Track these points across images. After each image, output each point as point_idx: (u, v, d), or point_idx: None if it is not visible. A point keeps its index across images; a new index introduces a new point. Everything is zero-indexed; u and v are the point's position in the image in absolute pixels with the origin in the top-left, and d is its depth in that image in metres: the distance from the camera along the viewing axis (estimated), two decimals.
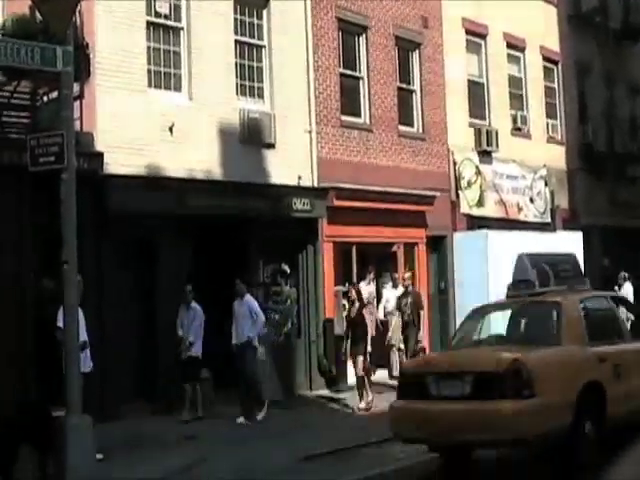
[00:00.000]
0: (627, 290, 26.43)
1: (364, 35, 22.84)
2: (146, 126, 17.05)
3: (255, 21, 19.87)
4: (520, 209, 27.65)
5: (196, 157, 17.94)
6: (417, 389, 11.29)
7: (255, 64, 19.83)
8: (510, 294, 13.71)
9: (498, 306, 14.28)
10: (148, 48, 17.49)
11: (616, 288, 26.48)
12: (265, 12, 20.01)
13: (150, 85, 17.52)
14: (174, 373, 16.67)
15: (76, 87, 13.20)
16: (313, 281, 20.53)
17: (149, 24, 17.54)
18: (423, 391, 11.18)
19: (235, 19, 19.29)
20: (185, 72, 18.13)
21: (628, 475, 5.73)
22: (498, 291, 23.55)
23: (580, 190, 30.97)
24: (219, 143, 18.57)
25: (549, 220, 28.75)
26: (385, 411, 12.27)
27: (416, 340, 20.77)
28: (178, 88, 18.09)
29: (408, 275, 21.73)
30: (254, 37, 19.84)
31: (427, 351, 22.37)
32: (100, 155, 15.85)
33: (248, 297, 16.79)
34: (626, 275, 26.88)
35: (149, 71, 17.51)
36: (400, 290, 21.80)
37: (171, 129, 17.50)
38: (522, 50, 29.00)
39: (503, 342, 12.67)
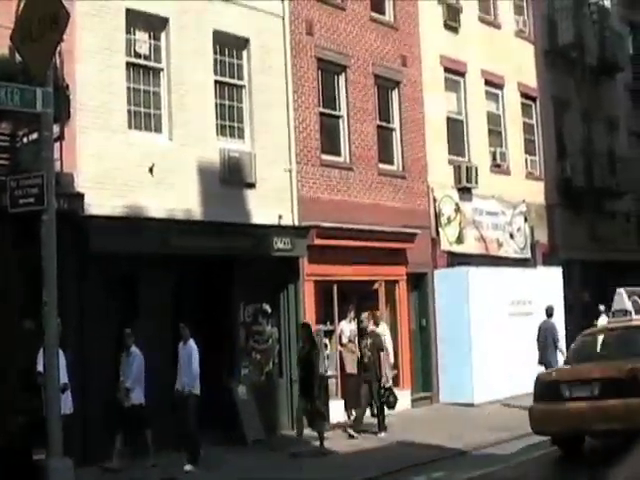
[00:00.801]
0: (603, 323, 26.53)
1: (344, 74, 22.97)
2: (127, 167, 17.05)
3: (235, 61, 19.95)
4: (500, 245, 27.76)
5: (177, 197, 17.94)
6: (552, 394, 15.26)
7: (235, 104, 19.90)
8: (612, 321, 18.46)
9: (602, 330, 18.43)
10: (128, 89, 17.51)
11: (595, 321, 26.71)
12: (245, 52, 20.11)
13: (130, 126, 17.53)
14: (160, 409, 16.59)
15: (56, 128, 13.16)
16: (295, 320, 20.43)
17: (129, 65, 17.58)
18: (558, 395, 15.13)
19: (215, 59, 19.36)
20: (165, 112, 18.16)
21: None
22: (479, 326, 24.00)
23: (559, 225, 31.15)
24: (200, 183, 18.57)
25: (529, 255, 28.88)
26: (368, 449, 12.34)
27: (379, 384, 20.10)
28: (158, 129, 18.11)
29: (365, 315, 21.17)
30: (234, 77, 19.90)
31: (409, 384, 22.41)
32: (81, 196, 15.82)
33: (191, 342, 16.14)
34: (605, 308, 26.95)
35: (129, 112, 17.53)
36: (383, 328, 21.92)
37: (152, 170, 17.48)
38: (500, 87, 29.21)
39: (615, 357, 15.94)
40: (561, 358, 22.02)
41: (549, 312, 23.70)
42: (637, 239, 35.80)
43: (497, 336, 24.57)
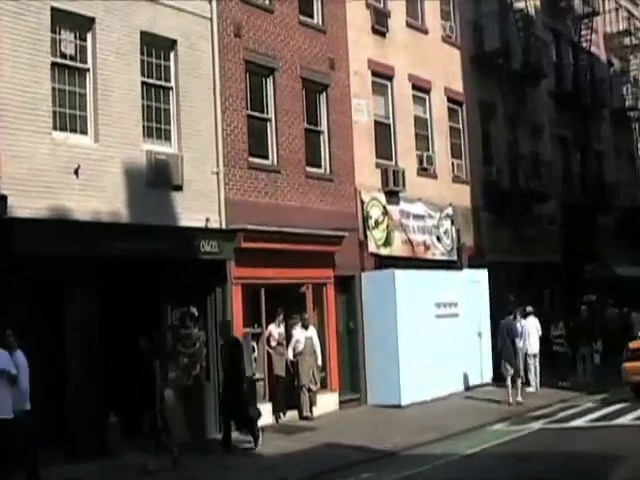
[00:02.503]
0: (530, 324, 26.91)
1: (272, 77, 22.94)
2: (52, 168, 16.80)
3: (162, 63, 19.77)
4: (427, 248, 27.97)
5: (103, 199, 17.73)
6: (636, 356, 23.56)
7: (162, 106, 19.71)
8: None
9: None
10: (53, 89, 17.23)
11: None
12: (172, 54, 19.95)
13: (55, 127, 17.25)
14: (85, 418, 16.35)
15: None
16: None
17: (54, 65, 17.30)
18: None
19: (142, 60, 19.14)
20: (91, 114, 17.91)
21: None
22: (406, 328, 24.16)
23: (485, 228, 31.52)
24: (126, 185, 18.35)
25: (456, 258, 29.14)
26: (297, 451, 12.36)
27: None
28: (84, 130, 17.86)
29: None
30: (161, 79, 19.73)
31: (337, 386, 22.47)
32: (4, 198, 15.57)
33: (19, 353, 14.31)
34: (530, 309, 27.36)
35: (54, 113, 17.25)
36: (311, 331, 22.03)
37: (77, 171, 17.25)
38: (427, 91, 29.44)
39: None
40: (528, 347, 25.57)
41: (510, 312, 25.21)
42: (560, 242, 36.35)
43: (424, 338, 24.75)
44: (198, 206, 20.01)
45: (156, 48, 19.61)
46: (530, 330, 26.80)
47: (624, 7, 50.51)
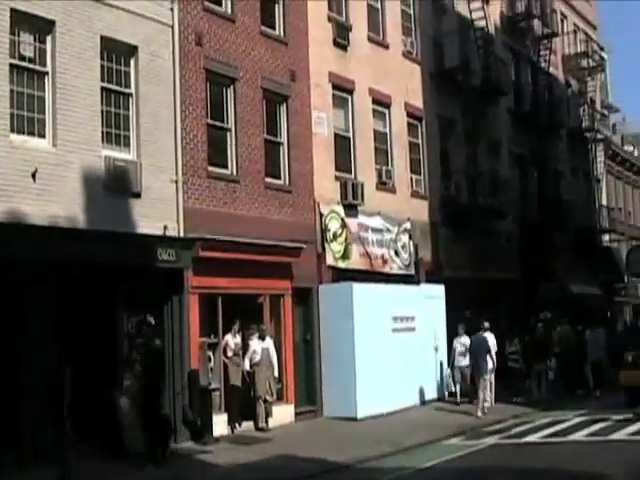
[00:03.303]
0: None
1: (232, 86, 22.88)
2: (8, 171, 16.57)
3: (122, 68, 19.63)
4: (385, 261, 28.00)
5: (60, 204, 17.52)
6: (633, 365, 25.33)
7: (122, 112, 19.56)
8: None
9: None
10: (11, 91, 17.03)
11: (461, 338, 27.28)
12: (133, 60, 19.82)
13: (13, 129, 17.03)
14: (38, 426, 16.09)
15: None
16: (179, 332, 20.19)
17: (13, 67, 17.09)
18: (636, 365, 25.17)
19: (102, 65, 18.99)
20: (50, 117, 17.72)
21: None
22: (363, 341, 24.13)
23: (443, 243, 31.63)
24: (84, 191, 18.14)
25: (413, 272, 29.22)
26: (252, 462, 12.23)
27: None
28: (42, 134, 17.66)
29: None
30: (121, 84, 19.58)
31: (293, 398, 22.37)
32: None
33: None
34: (486, 325, 27.43)
35: (12, 115, 17.04)
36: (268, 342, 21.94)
37: (34, 175, 17.04)
38: (387, 106, 29.55)
39: None
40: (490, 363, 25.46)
41: (483, 327, 26.11)
42: (517, 259, 36.57)
43: (380, 351, 24.74)
44: (156, 214, 19.85)
45: (116, 53, 19.47)
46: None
47: (582, 30, 51.22)
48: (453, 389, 27.35)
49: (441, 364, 28.12)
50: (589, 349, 29.99)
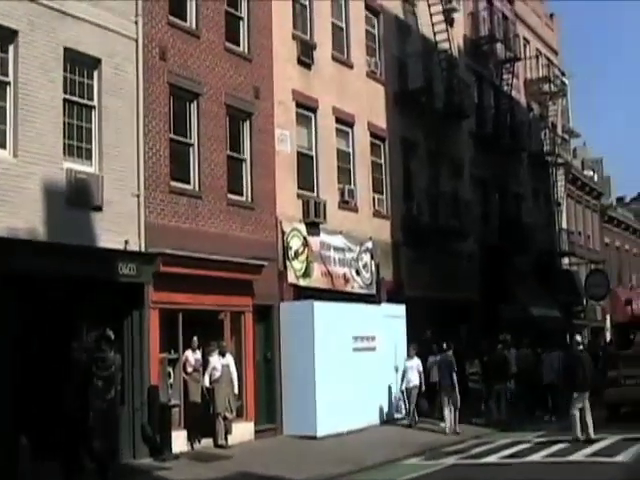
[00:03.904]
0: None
1: (196, 102, 22.82)
2: None
3: (85, 81, 19.49)
4: (347, 280, 27.98)
5: (20, 216, 17.29)
6: (614, 383, 27.20)
7: (84, 124, 19.39)
8: None
9: None
10: None
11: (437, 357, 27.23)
12: (96, 72, 19.67)
13: None
14: None
15: None
16: (138, 347, 20.03)
17: None
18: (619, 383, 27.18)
19: (65, 77, 18.82)
20: (10, 128, 17.52)
21: None
22: (324, 360, 24.04)
23: (404, 263, 31.67)
24: (44, 203, 17.92)
25: (374, 292, 29.21)
26: (212, 479, 12.11)
27: None
28: (3, 144, 17.44)
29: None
30: (84, 97, 19.43)
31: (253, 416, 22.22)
32: None
33: None
34: (445, 345, 27.42)
35: None
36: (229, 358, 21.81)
37: None
38: (351, 125, 29.61)
39: None
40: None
41: (448, 347, 26.35)
42: (478, 281, 36.71)
43: (341, 370, 24.68)
44: (117, 228, 19.69)
45: (80, 66, 19.31)
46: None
47: (544, 55, 51.80)
48: (404, 410, 27.16)
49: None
50: (544, 371, 30.08)
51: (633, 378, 26.75)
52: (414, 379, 26.29)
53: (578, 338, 24.46)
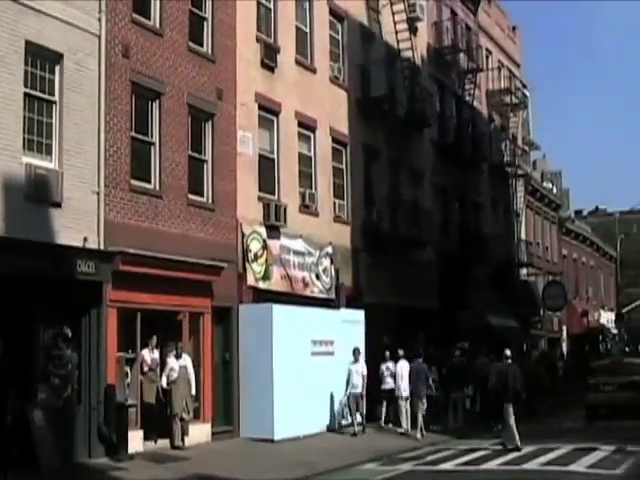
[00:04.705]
0: (402, 366, 26.92)
1: (158, 101, 22.67)
2: None
3: (47, 75, 19.28)
4: (306, 285, 27.91)
5: None
6: (596, 388, 31.34)
7: (45, 119, 19.19)
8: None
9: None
10: None
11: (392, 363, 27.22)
12: (58, 67, 19.47)
13: None
14: None
15: None
16: (96, 346, 19.80)
17: None
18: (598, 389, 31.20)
19: (25, 71, 18.61)
20: None
21: None
22: (282, 363, 23.96)
23: (364, 269, 31.67)
24: (2, 197, 17.66)
25: (334, 297, 29.19)
26: None
27: None
28: None
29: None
30: (45, 91, 19.21)
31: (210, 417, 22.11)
32: None
33: None
34: (401, 353, 27.41)
35: None
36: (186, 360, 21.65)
37: None
38: (313, 130, 29.58)
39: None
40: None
41: (420, 355, 27.04)
42: (437, 289, 36.78)
43: (299, 374, 24.60)
44: (76, 225, 19.49)
45: (41, 60, 19.10)
46: (403, 373, 26.85)
47: (506, 67, 52.20)
48: (349, 417, 26.80)
49: None
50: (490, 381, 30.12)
51: (610, 385, 31.06)
52: (358, 384, 26.09)
53: (507, 352, 24.27)
